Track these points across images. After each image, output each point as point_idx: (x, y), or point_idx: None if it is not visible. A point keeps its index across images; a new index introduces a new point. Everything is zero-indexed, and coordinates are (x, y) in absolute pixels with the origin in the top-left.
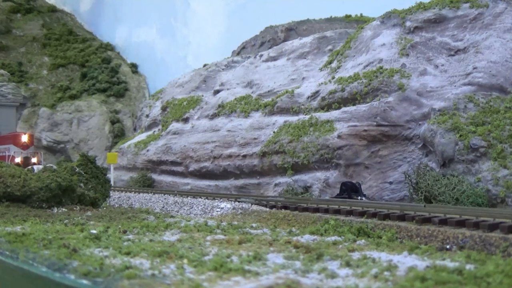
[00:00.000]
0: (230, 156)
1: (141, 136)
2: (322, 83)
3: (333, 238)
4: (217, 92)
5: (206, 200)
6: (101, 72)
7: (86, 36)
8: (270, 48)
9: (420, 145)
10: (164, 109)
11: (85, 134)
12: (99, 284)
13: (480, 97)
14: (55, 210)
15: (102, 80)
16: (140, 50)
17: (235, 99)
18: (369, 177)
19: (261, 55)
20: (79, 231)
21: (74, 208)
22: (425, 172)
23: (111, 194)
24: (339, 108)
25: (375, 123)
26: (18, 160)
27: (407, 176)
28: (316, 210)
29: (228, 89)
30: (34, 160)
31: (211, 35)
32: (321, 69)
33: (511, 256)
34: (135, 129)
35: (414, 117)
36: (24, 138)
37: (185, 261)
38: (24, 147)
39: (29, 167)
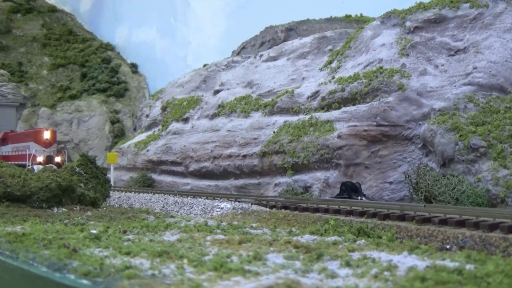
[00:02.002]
0: (230, 156)
1: (141, 136)
2: (322, 83)
3: (333, 238)
4: (217, 92)
5: (206, 200)
6: (101, 72)
7: (86, 36)
8: (270, 48)
9: (420, 145)
10: (164, 109)
11: (85, 134)
12: (99, 284)
13: (480, 97)
14: (55, 210)
15: (102, 80)
16: (140, 50)
17: (235, 99)
18: (369, 177)
19: (261, 55)
20: (79, 231)
21: (74, 208)
22: (425, 172)
23: (111, 194)
24: (339, 108)
25: (375, 123)
26: (40, 159)
27: (407, 176)
28: (316, 210)
29: (228, 89)
30: (57, 159)
31: (211, 35)
32: (321, 69)
33: (511, 256)
34: (135, 129)
35: (414, 117)
36: (47, 135)
37: (185, 261)
38: (47, 144)
39: (29, 167)
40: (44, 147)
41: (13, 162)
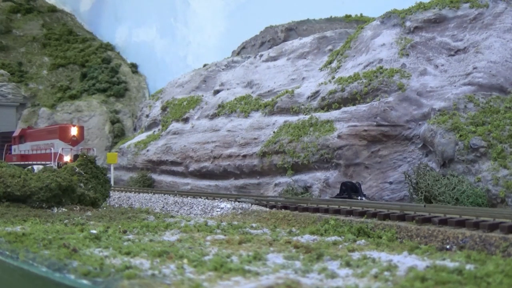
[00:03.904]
0: (230, 156)
1: (141, 136)
2: (322, 83)
3: (333, 238)
4: (217, 92)
5: (206, 200)
6: (101, 72)
7: (86, 36)
8: (270, 48)
9: (420, 145)
10: (164, 109)
11: (85, 134)
12: (99, 284)
13: (480, 97)
14: (55, 210)
15: (102, 80)
16: (140, 50)
17: (235, 99)
18: (369, 177)
19: (261, 55)
20: (79, 231)
21: (74, 208)
22: (425, 172)
23: (111, 194)
24: (339, 108)
25: (375, 123)
26: (67, 158)
27: (407, 176)
28: (316, 210)
29: (228, 89)
30: None
31: (211, 35)
32: (321, 69)
33: (511, 256)
34: (135, 129)
35: (414, 117)
36: (74, 131)
37: (185, 261)
38: (74, 142)
39: (29, 167)
40: (71, 145)
41: (34, 162)
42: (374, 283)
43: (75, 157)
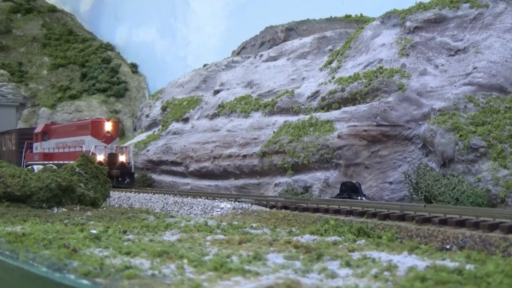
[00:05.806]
0: (230, 156)
1: (141, 136)
2: (322, 83)
3: (333, 238)
4: (217, 92)
5: (206, 200)
6: (101, 72)
7: (86, 36)
8: (270, 48)
9: (420, 145)
10: (164, 109)
11: None
12: (99, 284)
13: (480, 97)
14: (55, 210)
15: (102, 80)
16: (140, 50)
17: (235, 99)
18: (369, 177)
19: (261, 55)
20: (79, 231)
21: (74, 208)
22: (425, 172)
23: (111, 194)
24: (339, 108)
25: (375, 123)
26: (100, 158)
27: (407, 176)
28: (316, 210)
29: (228, 89)
30: (122, 158)
31: (211, 35)
32: (321, 69)
33: (511, 256)
34: (135, 129)
35: (414, 117)
36: (108, 127)
37: (185, 261)
38: (108, 139)
39: (29, 167)
40: (104, 142)
41: (60, 162)
42: (374, 283)
43: (110, 156)
